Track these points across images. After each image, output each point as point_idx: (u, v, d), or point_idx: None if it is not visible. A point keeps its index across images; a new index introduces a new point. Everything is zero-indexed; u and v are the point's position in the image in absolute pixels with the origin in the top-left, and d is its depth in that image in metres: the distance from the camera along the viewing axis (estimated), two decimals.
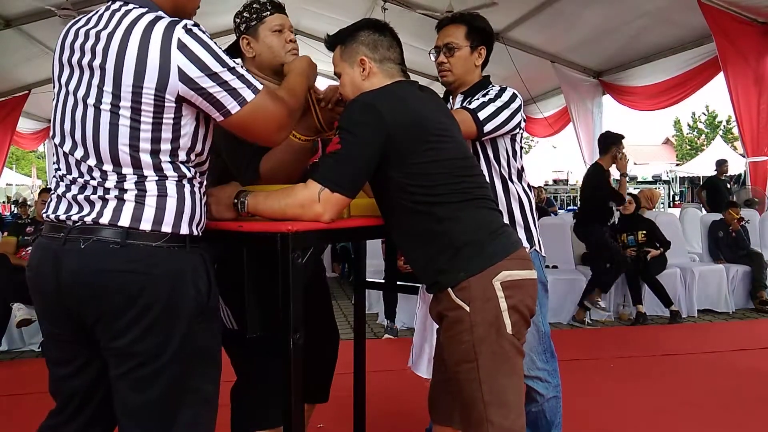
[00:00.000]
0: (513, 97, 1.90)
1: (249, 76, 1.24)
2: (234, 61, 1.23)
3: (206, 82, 1.18)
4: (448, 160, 1.41)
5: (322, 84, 1.76)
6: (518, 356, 1.40)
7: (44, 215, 1.26)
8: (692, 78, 7.15)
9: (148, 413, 1.19)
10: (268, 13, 1.74)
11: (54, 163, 1.27)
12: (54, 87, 1.28)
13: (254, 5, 1.75)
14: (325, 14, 8.41)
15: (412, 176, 1.38)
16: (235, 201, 1.42)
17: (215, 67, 1.18)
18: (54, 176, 1.27)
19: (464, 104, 1.94)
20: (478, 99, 1.90)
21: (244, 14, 1.75)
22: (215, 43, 1.21)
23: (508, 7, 6.86)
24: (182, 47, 1.16)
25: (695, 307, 5.23)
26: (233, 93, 1.21)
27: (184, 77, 1.16)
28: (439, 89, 2.07)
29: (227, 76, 1.20)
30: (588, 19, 7.05)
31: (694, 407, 3.03)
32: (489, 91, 1.92)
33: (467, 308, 1.35)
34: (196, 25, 1.20)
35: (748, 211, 6.17)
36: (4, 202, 15.74)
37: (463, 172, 1.43)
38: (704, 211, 7.59)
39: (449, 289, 1.38)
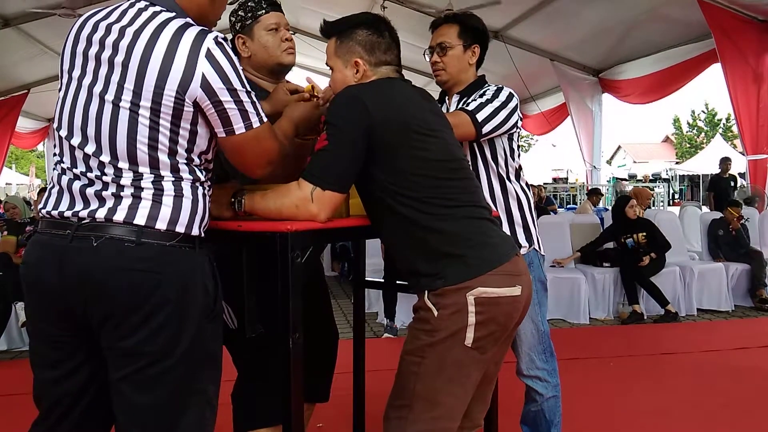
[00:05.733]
0: (510, 97, 1.90)
1: (259, 106, 1.27)
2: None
3: (225, 96, 1.19)
4: (433, 161, 1.39)
5: (321, 83, 1.75)
6: (473, 367, 1.39)
7: (42, 211, 1.22)
8: (687, 68, 7.16)
9: (153, 414, 1.18)
10: (264, 11, 1.73)
11: (56, 155, 1.25)
12: (62, 78, 1.25)
13: (249, 3, 1.73)
14: (325, 13, 8.40)
15: (395, 176, 1.37)
16: (233, 200, 1.42)
17: (236, 84, 1.20)
18: (55, 168, 1.25)
19: (461, 105, 1.93)
20: (475, 100, 1.90)
21: (239, 13, 1.74)
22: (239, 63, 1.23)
23: (508, 5, 6.86)
24: (210, 57, 1.17)
25: (694, 305, 5.24)
26: (244, 114, 1.23)
27: (205, 85, 1.17)
28: (436, 89, 2.07)
29: (244, 97, 1.22)
30: (587, 17, 7.06)
31: (693, 406, 3.03)
32: (485, 91, 1.92)
33: (435, 313, 1.36)
34: (225, 39, 1.22)
35: (748, 210, 6.17)
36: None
37: (449, 174, 1.41)
38: (704, 210, 7.58)
39: (426, 291, 1.39)
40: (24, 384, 1.38)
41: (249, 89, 1.24)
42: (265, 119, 1.28)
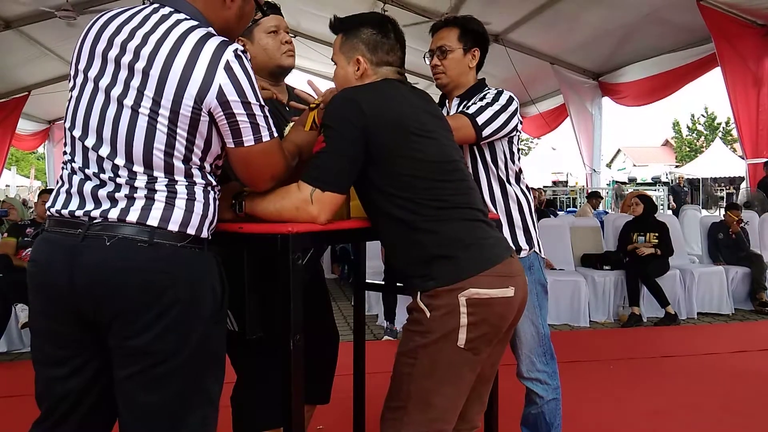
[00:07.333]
0: (510, 100, 1.91)
1: (271, 121, 1.28)
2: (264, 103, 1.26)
3: (238, 108, 1.20)
4: (428, 162, 1.40)
5: (322, 85, 1.76)
6: (465, 368, 1.39)
7: (51, 209, 1.23)
8: (686, 72, 7.18)
9: (158, 414, 1.18)
10: (262, 15, 1.74)
11: (66, 154, 1.25)
12: (76, 76, 1.25)
13: None
14: (325, 16, 8.40)
15: (390, 177, 1.38)
16: (233, 202, 1.42)
17: (251, 97, 1.21)
18: (64, 167, 1.25)
19: (461, 109, 1.94)
20: (475, 103, 1.90)
21: None
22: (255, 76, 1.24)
23: (508, 8, 6.88)
24: (228, 69, 1.18)
25: (695, 308, 5.24)
26: (255, 128, 1.24)
27: (221, 96, 1.18)
28: (437, 92, 2.07)
29: (257, 110, 1.23)
30: (587, 20, 7.07)
31: (693, 409, 3.03)
32: (486, 94, 1.92)
33: (428, 314, 1.36)
34: (244, 52, 1.22)
35: (748, 213, 6.18)
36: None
37: (444, 176, 1.41)
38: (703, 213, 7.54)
39: (419, 292, 1.39)
40: (24, 385, 1.38)
41: (263, 103, 1.25)
42: (275, 135, 1.29)
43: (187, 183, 1.22)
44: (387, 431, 1.42)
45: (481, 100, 1.91)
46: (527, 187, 2.08)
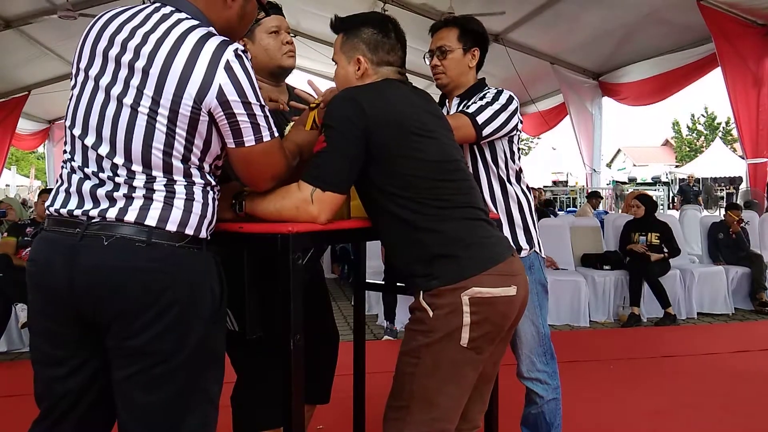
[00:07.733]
0: (510, 100, 1.91)
1: (272, 121, 1.27)
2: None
3: (238, 108, 1.19)
4: (429, 162, 1.40)
5: (322, 85, 1.75)
6: (468, 367, 1.39)
7: (50, 209, 1.22)
8: (687, 72, 7.18)
9: (157, 414, 1.18)
10: (264, 14, 1.74)
11: (67, 152, 1.24)
12: (77, 75, 1.25)
13: None
14: (325, 15, 8.40)
15: (391, 177, 1.38)
16: (233, 202, 1.42)
17: (251, 97, 1.21)
18: (64, 166, 1.24)
19: (461, 108, 1.94)
20: (475, 102, 1.90)
21: None
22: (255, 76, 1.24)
23: (508, 8, 6.88)
24: (228, 68, 1.17)
25: (695, 308, 5.24)
26: (255, 128, 1.23)
27: (221, 96, 1.17)
28: (437, 92, 2.07)
29: (257, 110, 1.23)
30: (587, 20, 7.07)
31: (693, 409, 3.03)
32: (486, 94, 1.92)
33: (431, 314, 1.37)
34: (244, 52, 1.22)
35: (748, 213, 6.18)
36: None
37: (445, 175, 1.41)
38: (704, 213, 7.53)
39: (421, 291, 1.40)
40: (23, 385, 1.38)
41: (263, 103, 1.25)
42: (276, 135, 1.29)
43: (185, 183, 1.21)
44: (390, 431, 1.42)
45: (481, 99, 1.91)
46: (527, 186, 2.08)
